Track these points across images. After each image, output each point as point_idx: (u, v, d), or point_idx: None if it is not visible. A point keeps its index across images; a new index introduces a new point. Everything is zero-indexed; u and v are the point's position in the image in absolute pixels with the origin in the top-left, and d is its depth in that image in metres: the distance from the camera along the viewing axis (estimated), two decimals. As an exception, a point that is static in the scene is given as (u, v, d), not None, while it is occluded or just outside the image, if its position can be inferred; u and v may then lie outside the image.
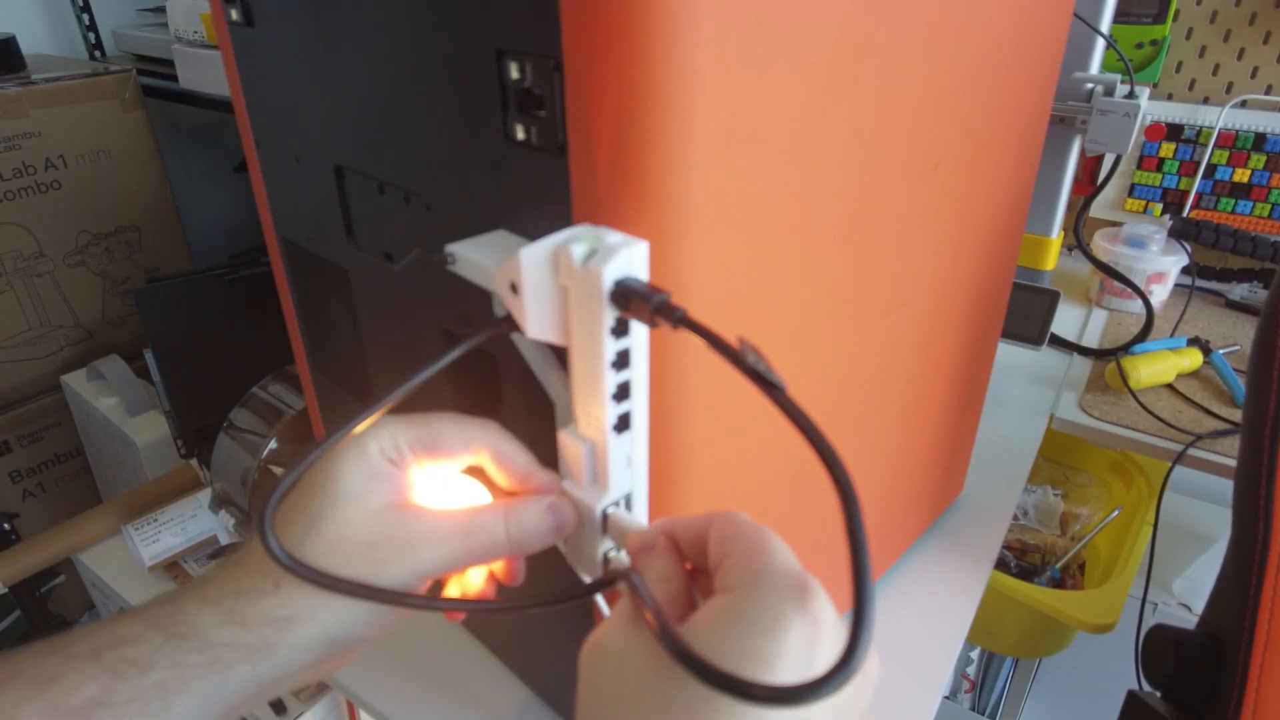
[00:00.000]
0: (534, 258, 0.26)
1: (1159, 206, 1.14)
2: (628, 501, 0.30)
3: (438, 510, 0.30)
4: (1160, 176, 1.13)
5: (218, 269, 0.84)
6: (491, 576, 0.34)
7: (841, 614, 0.23)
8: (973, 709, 1.22)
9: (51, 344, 1.00)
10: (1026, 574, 0.96)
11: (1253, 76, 1.06)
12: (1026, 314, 0.92)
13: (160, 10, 1.21)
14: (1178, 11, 1.07)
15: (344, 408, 0.57)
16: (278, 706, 0.55)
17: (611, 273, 0.25)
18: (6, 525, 0.96)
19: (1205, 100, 1.10)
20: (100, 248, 1.03)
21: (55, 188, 0.97)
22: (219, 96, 0.99)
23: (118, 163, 1.01)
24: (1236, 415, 0.80)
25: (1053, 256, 1.00)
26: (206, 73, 1.00)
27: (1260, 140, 1.05)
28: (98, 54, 1.22)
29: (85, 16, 1.19)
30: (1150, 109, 1.10)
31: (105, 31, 1.22)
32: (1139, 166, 1.13)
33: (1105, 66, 0.94)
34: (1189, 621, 0.68)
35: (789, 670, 0.21)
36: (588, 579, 0.31)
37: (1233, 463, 0.53)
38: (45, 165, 0.95)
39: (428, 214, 0.38)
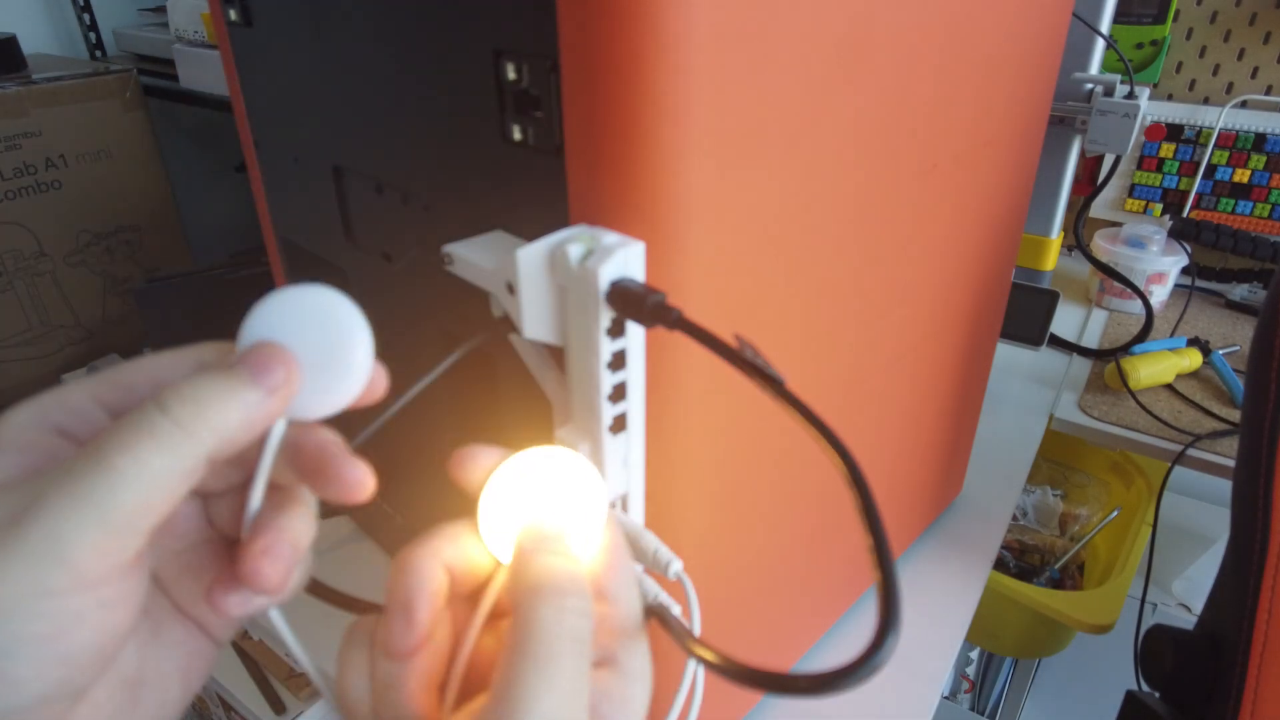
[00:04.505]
0: (530, 258, 0.26)
1: (1159, 207, 1.14)
2: (624, 502, 0.30)
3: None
4: (1160, 177, 1.13)
5: (217, 269, 0.84)
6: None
7: (862, 593, 0.23)
8: (972, 709, 1.22)
9: (52, 343, 1.00)
10: (1026, 574, 0.96)
11: (1253, 77, 1.06)
12: (1026, 314, 0.92)
13: (161, 10, 1.21)
14: (1178, 12, 1.07)
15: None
16: (277, 706, 0.55)
17: (608, 273, 0.25)
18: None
19: (1205, 100, 1.10)
20: (101, 247, 1.03)
21: (56, 187, 0.97)
22: (219, 96, 0.99)
23: (118, 162, 1.02)
24: (1236, 416, 0.80)
25: (1052, 257, 1.00)
26: (207, 72, 1.00)
27: (1260, 141, 1.05)
28: (98, 54, 1.22)
29: (86, 16, 1.19)
30: (1150, 109, 1.10)
31: (106, 31, 1.22)
32: (1139, 167, 1.13)
33: (1105, 67, 0.94)
34: (1188, 622, 0.68)
35: None
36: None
37: (1232, 463, 0.53)
38: (46, 165, 0.95)
39: (425, 214, 0.38)
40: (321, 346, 0.23)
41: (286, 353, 0.22)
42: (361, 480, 0.23)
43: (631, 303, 0.25)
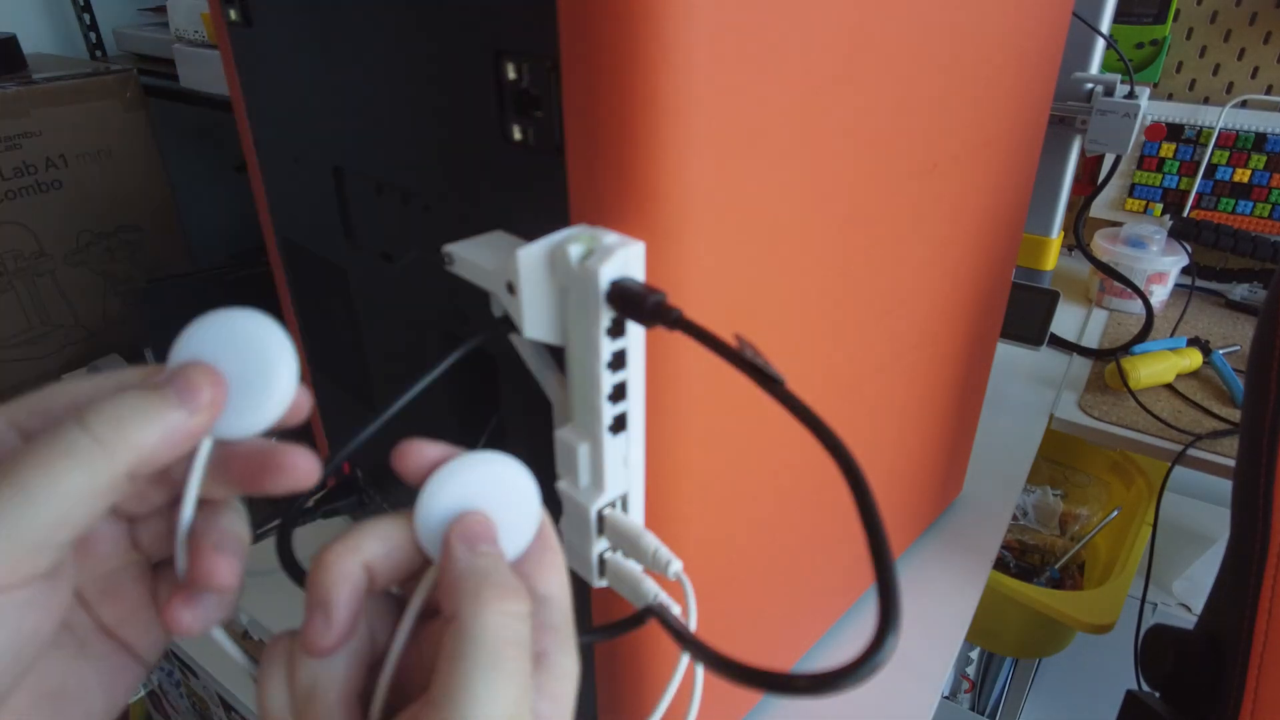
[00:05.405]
0: (531, 258, 0.26)
1: (1159, 206, 1.14)
2: (624, 502, 0.30)
3: None
4: (1160, 176, 1.13)
5: (218, 269, 0.84)
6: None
7: (861, 594, 0.23)
8: (972, 709, 1.22)
9: (52, 343, 1.00)
10: (1026, 574, 0.97)
11: (1253, 76, 1.06)
12: (1026, 314, 0.92)
13: (161, 10, 1.21)
14: (1178, 11, 1.07)
15: (343, 408, 0.57)
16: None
17: (608, 273, 0.25)
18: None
19: (1205, 100, 1.10)
20: (101, 247, 1.02)
21: (56, 187, 0.97)
22: (219, 96, 0.99)
23: (118, 162, 1.01)
24: (1236, 415, 0.80)
25: (1053, 256, 1.00)
26: (207, 72, 1.00)
27: (1260, 140, 1.05)
28: (98, 53, 1.22)
29: (86, 16, 1.19)
30: (1150, 109, 1.10)
31: (106, 31, 1.22)
32: (1139, 166, 1.13)
33: (1105, 66, 0.94)
34: (1188, 622, 0.68)
35: None
36: (595, 581, 0.31)
37: (1232, 463, 0.53)
38: (46, 164, 0.95)
39: (426, 214, 0.38)
40: (247, 367, 0.24)
41: (213, 373, 0.23)
42: (307, 463, 0.24)
43: (631, 303, 0.25)
